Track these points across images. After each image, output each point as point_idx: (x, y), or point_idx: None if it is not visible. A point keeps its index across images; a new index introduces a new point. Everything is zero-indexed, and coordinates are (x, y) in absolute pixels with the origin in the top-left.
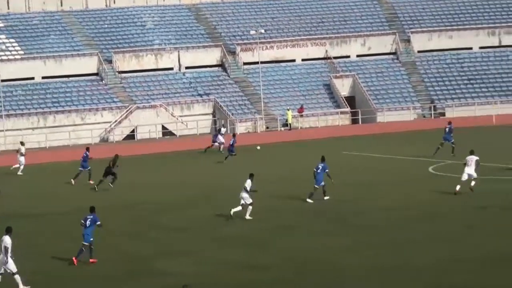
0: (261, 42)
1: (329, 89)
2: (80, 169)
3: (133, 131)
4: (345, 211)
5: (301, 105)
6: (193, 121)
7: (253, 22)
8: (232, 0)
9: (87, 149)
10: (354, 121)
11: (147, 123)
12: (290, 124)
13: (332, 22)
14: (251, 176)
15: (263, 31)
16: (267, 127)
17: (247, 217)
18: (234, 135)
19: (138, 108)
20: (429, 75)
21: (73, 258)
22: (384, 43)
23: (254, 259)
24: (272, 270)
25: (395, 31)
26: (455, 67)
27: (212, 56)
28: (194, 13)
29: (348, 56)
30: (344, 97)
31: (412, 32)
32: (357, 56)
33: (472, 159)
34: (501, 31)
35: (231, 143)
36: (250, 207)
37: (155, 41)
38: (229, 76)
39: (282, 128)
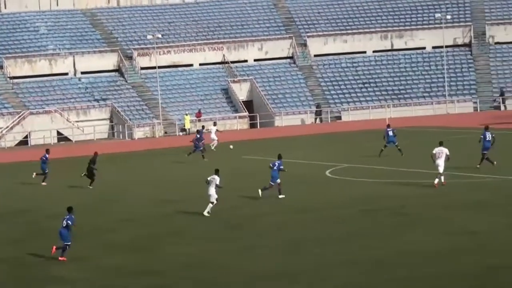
0: (158, 47)
1: (227, 93)
2: (45, 171)
3: (26, 136)
4: (242, 215)
5: (198, 110)
6: (89, 126)
7: (150, 27)
8: (128, 5)
9: (47, 151)
10: (252, 125)
11: (42, 128)
12: (188, 129)
13: (229, 26)
14: (217, 171)
15: (160, 36)
16: (166, 132)
17: (206, 213)
18: (198, 131)
19: (31, 113)
20: (325, 79)
21: (53, 247)
22: (281, 47)
23: (143, 265)
24: (161, 275)
25: (292, 35)
26: (350, 71)
27: (108, 61)
28: (90, 18)
29: (246, 61)
30: (242, 101)
31: (308, 36)
32: (255, 60)
33: (442, 150)
34: (393, 34)
35: (196, 138)
36: (211, 204)
37: (49, 46)
38: (126, 81)
39: (180, 133)
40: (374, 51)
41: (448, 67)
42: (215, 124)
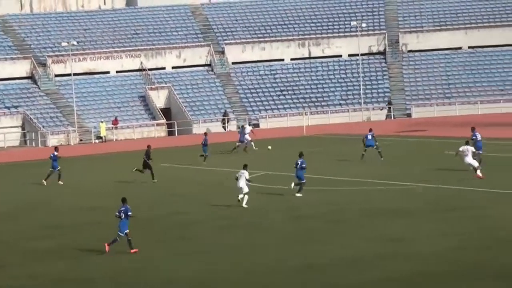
0: (73, 54)
1: (145, 100)
2: (51, 169)
3: None
4: (172, 222)
5: (115, 117)
6: (0, 134)
7: (65, 34)
8: (41, 12)
9: (56, 149)
10: (170, 133)
11: None
12: (104, 136)
13: (147, 34)
14: (245, 167)
15: (75, 43)
16: (81, 140)
17: (245, 205)
18: (205, 134)
19: None
20: (243, 87)
21: (106, 245)
22: (199, 55)
23: (72, 271)
24: (90, 283)
25: (210, 43)
26: (268, 79)
27: (21, 68)
28: (1, 24)
29: (164, 68)
30: (160, 108)
31: (226, 44)
32: (173, 67)
33: (468, 149)
34: (310, 42)
35: (203, 143)
36: (247, 196)
37: None
38: (39, 88)
39: (96, 141)
40: (292, 59)
41: (363, 75)
42: (249, 124)
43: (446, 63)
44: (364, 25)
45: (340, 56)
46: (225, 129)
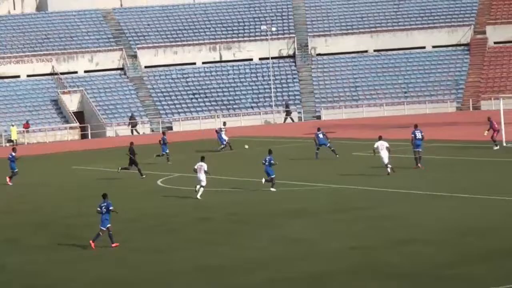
0: None
1: (57, 104)
2: (15, 170)
3: None
4: (72, 224)
5: (26, 121)
6: None
7: None
8: None
9: (13, 149)
10: (84, 136)
11: None
12: (15, 140)
13: (58, 38)
14: (203, 159)
15: None
16: None
17: (199, 196)
18: (163, 133)
19: None
20: (156, 90)
21: (90, 241)
22: (111, 59)
23: None
24: None
25: (122, 47)
26: (180, 82)
27: None
28: None
29: (76, 72)
30: (73, 112)
31: (138, 48)
32: (85, 71)
33: (383, 144)
34: (222, 46)
35: (162, 142)
36: (202, 188)
37: None
38: None
39: (7, 144)
40: (203, 62)
41: (274, 78)
42: (224, 124)
43: (353, 66)
44: (274, 29)
45: (251, 59)
46: (132, 133)
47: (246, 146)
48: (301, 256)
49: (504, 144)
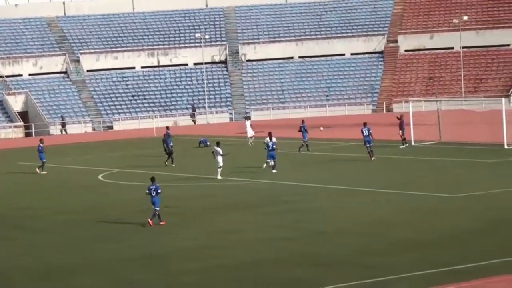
0: None
1: (2, 105)
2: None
3: None
4: (24, 216)
5: None
6: None
7: None
8: None
9: (41, 140)
10: (28, 134)
11: None
12: None
13: (4, 44)
14: (218, 144)
15: None
16: None
17: (219, 177)
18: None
19: None
20: (97, 92)
21: (148, 220)
22: (55, 63)
23: None
24: None
25: (65, 52)
26: (120, 85)
27: None
28: None
29: (21, 75)
30: (17, 112)
31: (81, 53)
32: (29, 74)
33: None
34: (159, 52)
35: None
36: (220, 169)
37: None
38: None
39: None
40: (142, 67)
41: (207, 82)
42: (248, 118)
43: (280, 71)
44: (207, 36)
45: (186, 64)
46: (61, 132)
47: (322, 128)
48: (233, 245)
49: (413, 144)
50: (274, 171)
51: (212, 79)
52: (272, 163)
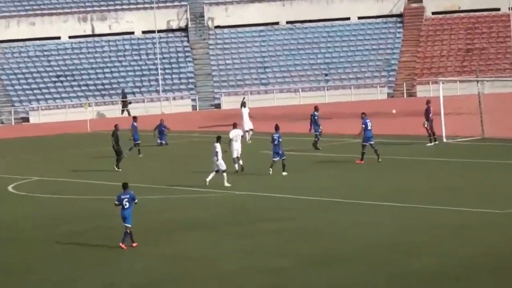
0: None
1: None
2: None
3: None
4: None
5: None
6: None
7: None
8: None
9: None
10: None
11: None
12: None
13: None
14: (218, 139)
15: None
16: None
17: (227, 184)
18: (134, 118)
19: None
20: (7, 72)
21: (120, 244)
22: None
23: None
24: None
25: None
26: (40, 61)
27: None
28: None
29: None
30: None
31: None
32: None
33: (239, 134)
34: (94, 16)
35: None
36: (225, 173)
37: None
38: None
39: None
40: (70, 37)
41: (161, 57)
42: (244, 104)
43: (261, 41)
44: None
45: (132, 33)
46: None
47: (394, 111)
48: (202, 278)
49: (445, 140)
50: (284, 173)
51: (168, 52)
52: (276, 159)
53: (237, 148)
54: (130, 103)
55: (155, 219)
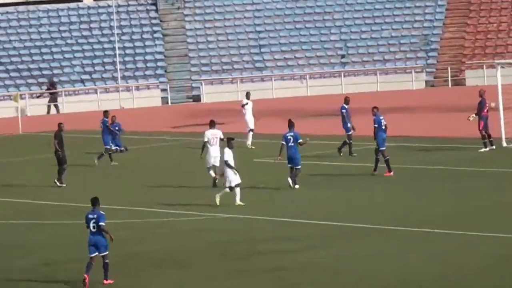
0: None
1: None
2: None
3: None
4: None
5: None
6: None
7: None
8: None
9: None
10: None
11: None
12: None
13: None
14: (229, 141)
15: None
16: None
17: (240, 202)
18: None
19: None
20: None
21: (85, 275)
22: None
23: None
24: None
25: None
26: None
27: None
28: None
29: None
30: None
31: None
32: None
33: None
34: None
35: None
36: (238, 188)
37: None
38: None
39: None
40: None
41: (121, 33)
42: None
43: (255, 11)
44: None
45: (80, 0)
46: None
47: (493, 104)
48: None
49: (504, 144)
50: (295, 186)
51: (128, 26)
52: (290, 181)
53: (214, 155)
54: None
55: (123, 252)
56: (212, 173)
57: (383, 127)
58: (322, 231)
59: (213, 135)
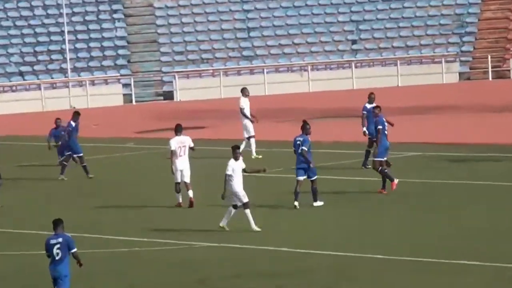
0: None
1: None
2: None
3: None
4: None
5: None
6: None
7: None
8: None
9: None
10: None
11: None
12: None
13: None
14: (234, 151)
15: None
16: None
17: (255, 227)
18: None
19: None
20: None
21: None
22: None
23: None
24: None
25: None
26: None
27: None
28: None
29: None
30: None
31: None
32: None
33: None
34: None
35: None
36: (248, 210)
37: None
38: None
39: None
40: None
41: (71, 12)
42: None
43: None
44: None
45: None
46: None
47: None
48: None
49: None
50: (315, 203)
51: (81, 4)
52: (302, 178)
53: (181, 168)
54: None
55: None
56: (179, 196)
57: (386, 131)
58: (327, 262)
59: (180, 143)
